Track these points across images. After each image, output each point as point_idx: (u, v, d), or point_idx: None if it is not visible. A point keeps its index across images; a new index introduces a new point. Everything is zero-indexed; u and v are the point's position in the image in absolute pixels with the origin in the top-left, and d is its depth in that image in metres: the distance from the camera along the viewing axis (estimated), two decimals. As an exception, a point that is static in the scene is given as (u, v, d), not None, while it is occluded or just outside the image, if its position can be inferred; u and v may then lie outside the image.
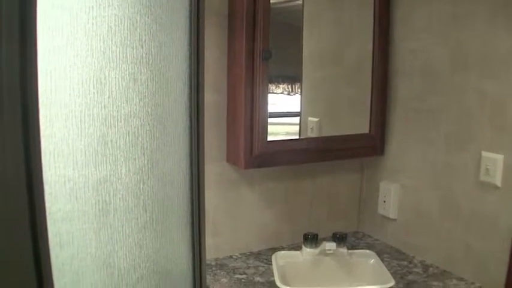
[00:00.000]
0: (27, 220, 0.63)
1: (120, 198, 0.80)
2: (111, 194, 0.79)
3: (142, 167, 0.84)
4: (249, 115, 2.11)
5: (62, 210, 0.72)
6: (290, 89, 2.30)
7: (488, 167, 1.97)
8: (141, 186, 0.84)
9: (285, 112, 2.35)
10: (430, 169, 2.24)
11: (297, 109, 2.34)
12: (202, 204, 0.95)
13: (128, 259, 0.83)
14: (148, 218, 0.85)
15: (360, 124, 2.46)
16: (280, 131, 2.31)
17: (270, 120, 2.17)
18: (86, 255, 0.76)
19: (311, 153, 2.30)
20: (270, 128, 2.18)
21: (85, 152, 0.75)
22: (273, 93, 2.19)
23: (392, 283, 2.08)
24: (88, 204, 0.76)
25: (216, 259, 2.32)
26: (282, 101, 2.29)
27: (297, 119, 2.37)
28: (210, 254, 2.30)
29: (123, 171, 0.81)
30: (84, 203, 0.75)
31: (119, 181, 0.80)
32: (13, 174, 0.61)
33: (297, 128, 2.38)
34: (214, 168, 2.23)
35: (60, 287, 0.72)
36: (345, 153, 2.41)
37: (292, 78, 2.31)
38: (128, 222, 0.82)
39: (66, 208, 0.73)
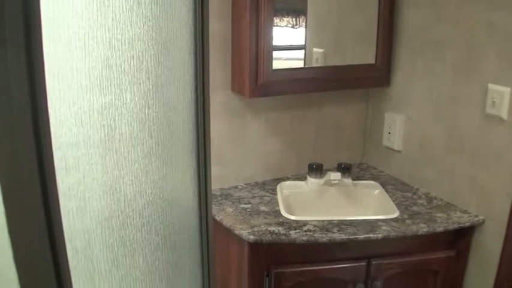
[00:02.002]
0: (33, 145, 0.62)
1: (125, 123, 0.79)
2: (117, 119, 0.78)
3: (147, 92, 0.82)
4: (254, 43, 2.08)
5: (67, 134, 0.71)
6: (294, 22, 2.26)
7: (494, 99, 1.95)
8: (147, 112, 0.82)
9: (289, 45, 2.31)
10: (435, 101, 2.23)
11: (302, 42, 2.31)
12: (207, 131, 0.94)
13: (134, 185, 0.82)
14: (153, 144, 0.84)
15: (366, 55, 2.43)
16: (284, 66, 2.28)
17: (274, 54, 2.15)
18: (92, 181, 0.75)
19: (316, 82, 2.28)
20: (274, 63, 2.16)
21: (89, 75, 0.73)
22: (277, 26, 2.16)
23: (397, 214, 2.10)
24: (93, 128, 0.74)
25: (221, 189, 2.34)
26: (286, 34, 2.26)
27: (301, 53, 2.34)
28: (216, 184, 2.31)
29: (128, 95, 0.79)
30: (89, 128, 0.74)
31: (124, 106, 0.79)
32: (17, 99, 0.60)
33: (301, 60, 2.36)
34: (219, 97, 2.22)
35: (67, 212, 0.72)
36: (351, 83, 2.39)
37: (296, 11, 2.26)
38: (133, 148, 0.81)
39: (71, 132, 0.71)
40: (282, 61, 2.24)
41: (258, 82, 2.12)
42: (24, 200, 0.63)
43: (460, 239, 2.11)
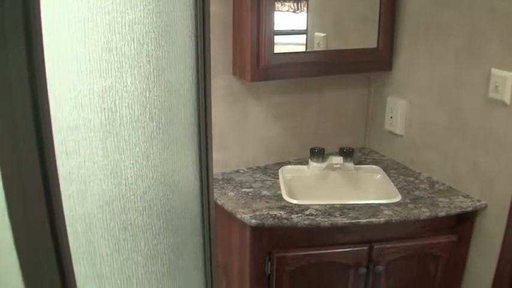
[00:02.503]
0: (33, 128, 0.62)
1: (126, 106, 0.78)
2: (117, 103, 0.77)
3: (148, 75, 0.82)
4: (255, 26, 2.07)
5: (67, 118, 0.70)
6: (296, 7, 2.25)
7: (497, 84, 1.94)
8: (147, 95, 0.82)
9: (291, 30, 2.30)
10: (438, 85, 2.22)
11: (303, 27, 2.29)
12: (208, 114, 0.93)
13: (135, 169, 0.82)
14: (155, 128, 0.84)
15: (368, 39, 2.42)
16: (286, 50, 2.27)
17: (276, 39, 2.14)
18: (92, 164, 0.75)
19: (318, 66, 2.27)
20: (276, 48, 2.15)
21: (89, 58, 0.72)
22: (279, 11, 2.14)
23: (399, 198, 2.10)
24: (94, 112, 0.74)
25: (223, 173, 2.34)
26: (288, 19, 2.24)
27: (303, 37, 2.33)
28: (217, 168, 2.31)
29: (129, 79, 0.79)
30: (89, 111, 0.73)
31: (125, 89, 0.78)
32: (16, 83, 0.60)
33: (303, 45, 2.34)
34: (220, 82, 2.21)
35: (68, 196, 0.71)
36: (352, 67, 2.38)
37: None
38: (134, 132, 0.80)
39: (71, 116, 0.71)
40: (283, 46, 2.23)
41: (260, 66, 2.11)
42: (24, 184, 0.63)
43: (462, 224, 2.11)
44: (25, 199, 0.63)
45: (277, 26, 2.13)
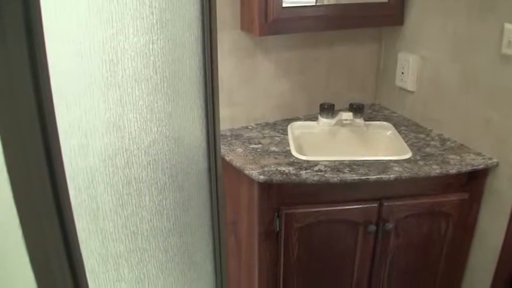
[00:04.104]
0: (30, 79, 0.60)
1: (128, 58, 0.76)
2: (119, 54, 0.75)
3: (151, 27, 0.79)
4: (264, -21, 2.03)
5: (67, 68, 0.68)
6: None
7: (510, 39, 1.89)
8: (151, 47, 0.79)
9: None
10: (450, 40, 2.17)
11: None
12: (215, 67, 0.90)
13: (139, 122, 0.80)
14: (159, 81, 0.81)
15: (379, -8, 2.36)
16: (294, 4, 2.22)
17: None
18: (93, 117, 0.73)
19: (328, 20, 2.23)
20: (285, 1, 2.10)
21: (88, 6, 0.69)
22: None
23: (409, 155, 2.08)
24: (94, 63, 0.71)
25: (231, 129, 2.32)
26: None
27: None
28: (226, 124, 2.30)
29: (131, 30, 0.76)
30: (90, 62, 0.71)
31: (127, 41, 0.75)
32: (11, 30, 0.57)
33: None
34: (228, 36, 2.18)
35: (68, 149, 0.70)
36: (363, 21, 2.33)
37: None
38: (137, 84, 0.78)
39: (70, 66, 0.69)
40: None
41: (268, 19, 2.07)
42: (22, 137, 0.61)
43: (473, 182, 2.09)
44: (23, 152, 0.61)
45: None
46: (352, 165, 2.00)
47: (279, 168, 1.96)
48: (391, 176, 1.93)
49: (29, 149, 0.62)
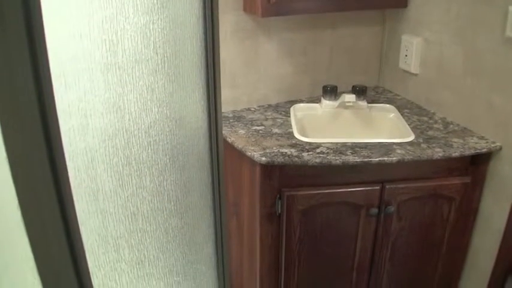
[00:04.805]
0: (28, 59, 0.59)
1: (128, 38, 0.75)
2: (119, 34, 0.74)
3: (151, 7, 0.78)
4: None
5: (65, 48, 0.67)
6: None
7: (515, 22, 1.88)
8: (151, 27, 0.78)
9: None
10: (454, 23, 2.15)
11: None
12: (216, 48, 0.90)
13: (139, 103, 0.79)
14: (159, 61, 0.81)
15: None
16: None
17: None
18: (93, 97, 0.72)
19: (331, 1, 2.21)
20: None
21: (87, -14, 0.69)
22: None
23: (412, 137, 2.07)
24: (94, 43, 0.71)
25: (234, 111, 2.31)
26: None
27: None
28: (228, 106, 2.29)
29: (131, 10, 0.75)
30: (89, 42, 0.70)
31: (127, 20, 0.75)
32: (9, 12, 0.56)
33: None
34: (230, 17, 2.16)
35: (67, 130, 0.69)
36: (367, 3, 2.31)
37: None
38: (137, 64, 0.77)
39: (69, 47, 0.68)
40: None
41: (271, 0, 2.05)
42: (21, 117, 0.60)
43: (476, 166, 2.08)
44: (23, 131, 0.61)
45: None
46: (355, 147, 1.99)
47: (281, 150, 1.95)
48: (394, 158, 1.92)
49: (28, 129, 0.61)
